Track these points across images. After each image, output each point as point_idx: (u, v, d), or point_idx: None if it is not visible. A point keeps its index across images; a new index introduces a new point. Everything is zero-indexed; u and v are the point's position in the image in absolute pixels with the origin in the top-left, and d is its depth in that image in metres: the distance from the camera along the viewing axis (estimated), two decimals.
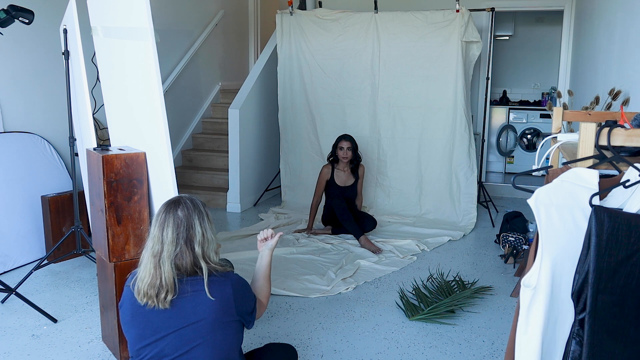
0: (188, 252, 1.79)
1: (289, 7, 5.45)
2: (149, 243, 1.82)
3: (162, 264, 1.76)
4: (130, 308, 1.84)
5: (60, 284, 3.58)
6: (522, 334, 1.51)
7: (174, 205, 1.83)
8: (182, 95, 6.26)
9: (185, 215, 1.81)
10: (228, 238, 4.53)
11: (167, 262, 1.77)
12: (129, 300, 1.85)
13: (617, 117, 1.95)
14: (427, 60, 5.07)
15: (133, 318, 1.83)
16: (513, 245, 4.14)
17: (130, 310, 1.84)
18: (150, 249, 1.80)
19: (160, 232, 1.79)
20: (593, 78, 4.58)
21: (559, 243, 1.45)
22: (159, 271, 1.76)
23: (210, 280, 1.79)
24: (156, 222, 1.82)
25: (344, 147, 4.63)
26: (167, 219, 1.80)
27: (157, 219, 1.83)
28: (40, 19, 3.74)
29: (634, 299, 1.40)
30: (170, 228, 1.79)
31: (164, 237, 1.78)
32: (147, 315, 1.80)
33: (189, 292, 1.78)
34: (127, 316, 1.85)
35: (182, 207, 1.82)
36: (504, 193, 6.25)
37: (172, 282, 1.76)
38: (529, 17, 7.52)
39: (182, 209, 1.81)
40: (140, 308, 1.80)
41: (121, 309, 1.88)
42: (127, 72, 2.73)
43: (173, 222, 1.79)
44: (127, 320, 1.85)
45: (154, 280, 1.76)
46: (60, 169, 4.20)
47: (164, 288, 1.75)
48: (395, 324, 3.09)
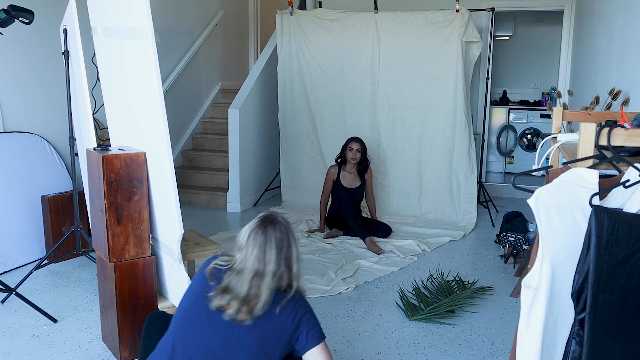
0: (286, 273, 1.80)
1: (289, 7, 5.45)
2: (249, 259, 1.78)
3: (264, 284, 1.75)
4: (194, 297, 1.84)
5: (60, 284, 3.58)
6: (523, 334, 1.51)
7: (272, 225, 1.82)
8: (182, 95, 6.26)
9: (283, 235, 1.81)
10: (228, 238, 4.53)
11: (269, 283, 1.76)
12: (199, 288, 1.83)
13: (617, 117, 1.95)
14: (427, 60, 5.07)
15: (192, 308, 1.83)
16: (513, 245, 4.14)
17: (193, 299, 1.84)
18: (252, 266, 1.77)
19: (263, 253, 1.78)
20: (593, 78, 4.58)
21: (559, 243, 1.45)
22: (257, 291, 1.75)
23: (291, 299, 1.81)
24: (255, 240, 1.80)
25: (353, 149, 4.64)
26: (268, 240, 1.79)
27: (254, 237, 1.80)
28: (40, 19, 3.74)
29: (634, 299, 1.40)
30: (273, 250, 1.78)
31: (267, 258, 1.77)
32: (207, 313, 1.78)
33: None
34: (186, 302, 1.86)
35: (279, 227, 1.82)
36: (504, 193, 6.25)
37: (265, 303, 1.75)
38: (529, 17, 7.52)
39: (279, 229, 1.82)
40: (204, 303, 1.79)
41: (187, 292, 1.88)
42: (127, 72, 2.73)
43: (275, 243, 1.79)
44: (186, 306, 1.85)
45: (249, 296, 1.75)
46: (60, 169, 4.20)
47: (253, 304, 1.75)
48: (395, 324, 3.09)
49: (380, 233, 4.56)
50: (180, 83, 6.20)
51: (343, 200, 4.56)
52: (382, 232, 4.58)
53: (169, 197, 2.49)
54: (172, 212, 2.49)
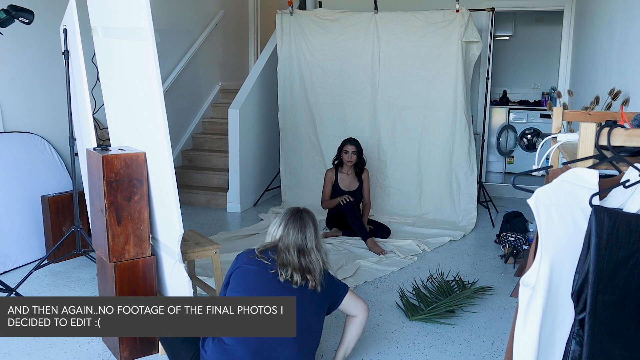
0: (322, 249, 2.37)
1: (289, 7, 5.45)
2: (290, 239, 2.30)
3: (312, 257, 2.28)
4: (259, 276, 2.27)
5: (60, 284, 3.58)
6: (520, 333, 1.51)
7: (305, 213, 2.38)
8: (182, 95, 6.26)
9: (314, 221, 2.38)
10: (228, 238, 4.53)
11: (317, 256, 2.31)
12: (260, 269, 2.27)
13: (617, 117, 1.95)
14: (427, 60, 5.06)
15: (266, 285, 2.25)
16: (513, 245, 4.14)
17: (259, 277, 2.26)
18: (294, 243, 2.29)
19: (303, 233, 2.31)
20: (593, 78, 4.58)
21: (558, 243, 1.45)
22: (308, 264, 2.27)
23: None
24: (294, 224, 2.33)
25: (349, 151, 4.63)
26: (306, 223, 2.34)
27: (293, 221, 2.33)
28: (40, 19, 3.74)
29: (634, 299, 1.40)
30: (312, 229, 2.34)
31: (308, 237, 2.32)
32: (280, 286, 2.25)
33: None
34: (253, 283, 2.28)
35: (311, 215, 2.39)
36: (504, 193, 6.25)
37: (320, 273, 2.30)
38: (529, 17, 7.52)
39: (311, 216, 2.39)
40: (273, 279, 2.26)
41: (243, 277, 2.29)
42: (127, 72, 2.73)
43: (312, 224, 2.35)
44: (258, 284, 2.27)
45: (306, 268, 2.27)
46: (60, 169, 4.20)
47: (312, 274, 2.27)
48: (395, 324, 3.09)
49: (379, 235, 4.55)
50: (180, 83, 6.20)
51: (346, 203, 4.52)
52: (382, 235, 4.58)
53: (169, 197, 2.49)
54: (172, 212, 2.49)
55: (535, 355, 1.49)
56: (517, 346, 1.52)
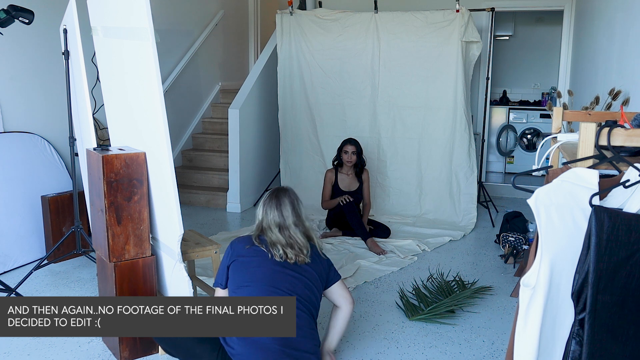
0: (302, 225, 2.43)
1: (289, 7, 5.45)
2: (270, 218, 2.40)
3: (292, 233, 2.37)
4: (262, 261, 2.35)
5: (60, 284, 3.58)
6: (521, 333, 1.51)
7: (282, 191, 2.45)
8: (182, 95, 6.26)
9: (293, 198, 2.45)
10: (228, 238, 4.53)
11: (296, 231, 2.38)
12: (260, 255, 2.36)
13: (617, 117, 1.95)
14: (427, 60, 5.06)
15: (271, 271, 2.34)
16: (513, 245, 4.14)
17: (262, 262, 2.35)
18: (274, 222, 2.38)
19: (280, 210, 2.40)
20: (593, 78, 4.58)
21: (558, 243, 1.45)
22: (290, 239, 2.36)
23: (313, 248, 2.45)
24: (270, 203, 2.42)
25: (348, 151, 4.62)
26: (282, 201, 2.42)
27: (269, 201, 2.43)
28: (40, 19, 3.74)
29: (634, 299, 1.40)
30: (288, 206, 2.41)
31: (285, 214, 2.40)
32: (281, 265, 2.35)
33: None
34: (257, 268, 2.36)
35: (288, 193, 2.46)
36: (504, 193, 6.25)
37: (305, 246, 2.38)
38: (529, 17, 7.52)
39: (288, 194, 2.45)
40: (271, 259, 2.36)
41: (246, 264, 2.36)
42: (127, 72, 2.73)
43: (289, 202, 2.43)
44: (264, 272, 2.34)
45: (290, 243, 2.36)
46: (60, 169, 4.20)
47: (299, 247, 2.37)
48: (395, 324, 3.09)
49: (379, 235, 4.55)
50: (180, 83, 6.20)
51: (346, 204, 4.52)
52: (382, 235, 4.57)
53: (169, 197, 2.49)
54: (172, 212, 2.49)
55: (536, 355, 1.49)
56: (517, 346, 1.52)
